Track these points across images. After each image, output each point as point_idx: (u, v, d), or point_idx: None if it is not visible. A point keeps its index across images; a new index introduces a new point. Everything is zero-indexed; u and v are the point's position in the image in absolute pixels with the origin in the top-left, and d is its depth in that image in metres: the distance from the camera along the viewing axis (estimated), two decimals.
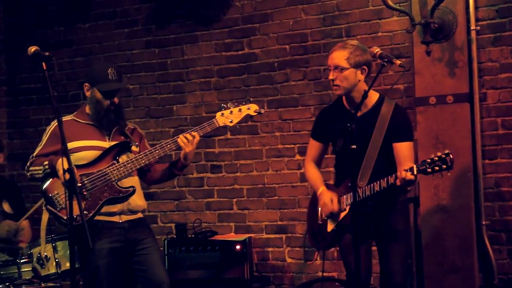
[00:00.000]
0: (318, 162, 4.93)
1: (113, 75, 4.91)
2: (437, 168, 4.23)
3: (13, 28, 7.52)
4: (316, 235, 4.84)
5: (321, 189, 4.76)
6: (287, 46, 6.47)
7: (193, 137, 4.82)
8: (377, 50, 4.46)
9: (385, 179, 4.40)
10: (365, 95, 4.34)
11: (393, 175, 4.36)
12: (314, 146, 4.91)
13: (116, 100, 4.92)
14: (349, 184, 4.50)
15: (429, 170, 4.26)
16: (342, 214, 4.64)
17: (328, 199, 4.66)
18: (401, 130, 4.58)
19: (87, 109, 4.98)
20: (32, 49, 4.19)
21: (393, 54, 5.20)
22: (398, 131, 4.56)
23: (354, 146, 4.18)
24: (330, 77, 4.58)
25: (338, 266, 6.07)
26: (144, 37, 6.99)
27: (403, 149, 4.55)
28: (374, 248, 4.78)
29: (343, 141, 4.27)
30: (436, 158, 4.24)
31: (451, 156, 4.23)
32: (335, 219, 4.67)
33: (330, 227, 4.72)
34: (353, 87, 4.57)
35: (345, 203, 4.64)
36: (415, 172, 4.27)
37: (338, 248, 5.17)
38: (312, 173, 4.90)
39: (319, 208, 4.77)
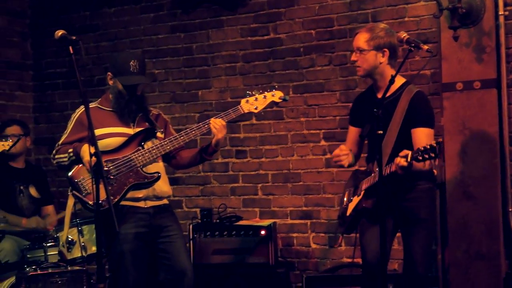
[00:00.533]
0: (355, 148, 4.88)
1: (136, 67, 4.88)
2: (426, 156, 4.17)
3: (39, 13, 7.54)
4: (339, 219, 4.90)
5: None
6: (313, 31, 6.44)
7: (220, 123, 4.82)
8: (404, 35, 4.41)
9: (390, 164, 4.39)
10: (392, 80, 4.30)
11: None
12: (350, 132, 4.91)
13: (138, 92, 4.93)
14: (367, 169, 4.56)
15: (420, 158, 4.20)
16: (357, 199, 4.63)
17: (337, 149, 4.75)
18: (419, 116, 4.54)
19: (111, 96, 5.00)
20: (59, 33, 4.20)
21: (420, 39, 5.14)
22: (416, 117, 4.53)
23: (380, 132, 4.14)
24: (352, 58, 4.65)
25: None
26: (170, 21, 6.98)
27: (419, 135, 4.51)
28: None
29: (370, 127, 4.22)
30: (428, 147, 4.18)
31: (440, 146, 4.16)
32: (353, 203, 4.68)
33: (349, 211, 4.72)
34: (374, 69, 4.59)
35: (360, 188, 4.64)
36: (409, 159, 4.23)
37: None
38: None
39: (346, 192, 4.82)
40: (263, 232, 6.02)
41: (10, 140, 4.86)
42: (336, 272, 5.99)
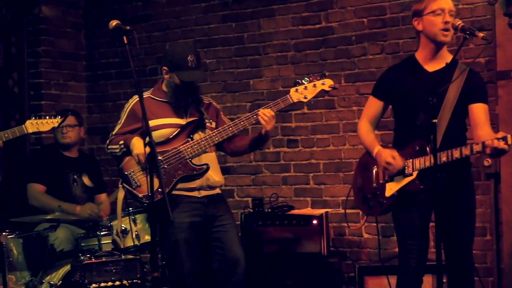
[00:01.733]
0: (374, 124, 4.68)
1: (193, 62, 4.89)
2: None
3: (92, 4, 7.60)
4: (368, 199, 4.57)
5: (377, 148, 4.52)
6: (365, 19, 6.39)
7: (269, 114, 4.80)
8: (459, 22, 4.31)
9: (469, 146, 4.17)
10: (455, 56, 4.24)
11: (480, 143, 4.13)
12: (374, 105, 4.64)
13: (194, 85, 4.94)
14: (417, 147, 4.35)
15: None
16: (407, 179, 4.40)
17: (389, 157, 4.40)
18: (478, 91, 4.41)
19: (164, 87, 5.01)
20: (113, 23, 4.22)
21: (474, 27, 5.04)
22: (475, 92, 4.40)
23: (435, 121, 4.05)
24: (447, 19, 4.34)
25: None
26: (221, 11, 6.98)
27: (479, 111, 4.37)
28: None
29: (424, 116, 4.12)
30: None
31: None
32: (398, 182, 4.44)
33: (390, 191, 4.46)
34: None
35: (411, 167, 4.39)
36: (509, 142, 4.06)
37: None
38: (367, 132, 4.64)
39: (374, 170, 4.56)
40: (315, 222, 6.00)
41: (59, 117, 4.91)
42: (388, 262, 5.95)
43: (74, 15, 7.60)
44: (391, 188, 4.48)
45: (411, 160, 4.39)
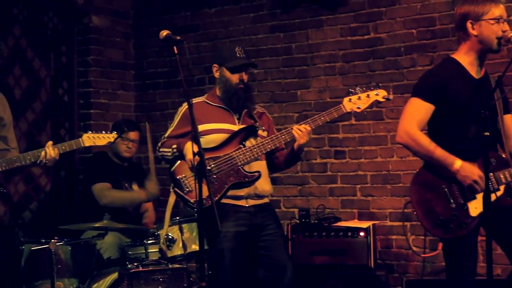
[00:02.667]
0: (421, 130, 4.39)
1: (241, 53, 4.96)
2: None
3: (141, 14, 7.67)
4: (445, 222, 4.24)
5: (460, 162, 4.20)
6: (414, 30, 6.35)
7: (304, 129, 4.80)
8: (511, 34, 4.27)
9: None
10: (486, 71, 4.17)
11: None
12: (424, 109, 4.32)
13: (244, 76, 4.95)
14: (494, 160, 4.20)
15: None
16: (496, 194, 4.20)
17: (477, 174, 4.17)
18: (507, 102, 4.37)
19: (218, 91, 5.04)
20: (164, 33, 4.25)
21: None
22: (505, 103, 4.36)
23: (487, 134, 3.96)
24: (506, 27, 4.27)
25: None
26: (269, 21, 6.99)
27: (510, 122, 4.37)
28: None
29: (476, 128, 4.03)
30: None
31: None
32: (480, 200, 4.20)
33: (475, 210, 4.23)
34: None
35: (495, 182, 4.23)
36: None
37: None
38: (430, 141, 4.28)
39: (445, 189, 4.27)
40: (362, 234, 5.97)
41: (115, 132, 4.94)
42: (436, 276, 5.88)
43: (124, 25, 7.67)
44: (476, 207, 4.24)
45: (491, 174, 4.21)
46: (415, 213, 4.34)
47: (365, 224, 6.07)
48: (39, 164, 4.67)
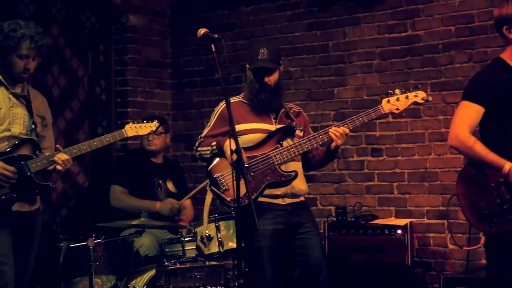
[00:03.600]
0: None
1: (263, 54, 4.91)
2: None
3: (178, 12, 7.69)
4: (489, 217, 4.28)
5: (509, 165, 4.21)
6: (452, 27, 6.30)
7: (344, 131, 4.79)
8: None
9: None
10: None
11: None
12: (475, 112, 4.31)
13: (267, 79, 4.93)
14: None
15: None
16: None
17: None
18: None
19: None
20: (202, 31, 4.25)
21: None
22: None
23: None
24: None
25: None
26: (306, 19, 6.98)
27: None
28: None
29: None
30: None
31: None
32: None
33: None
34: None
35: None
36: None
37: None
38: (481, 144, 4.30)
39: (492, 184, 4.29)
40: (399, 232, 5.94)
41: (156, 121, 4.97)
42: (474, 274, 5.83)
43: (161, 23, 7.71)
44: None
45: None
46: (460, 207, 4.39)
47: (402, 222, 6.05)
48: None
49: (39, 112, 4.74)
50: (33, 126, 4.64)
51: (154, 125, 4.94)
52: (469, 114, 4.33)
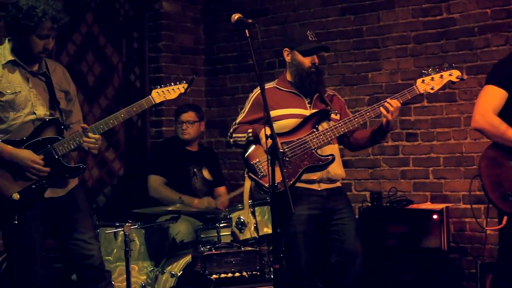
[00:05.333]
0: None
1: (312, 36, 4.97)
2: None
3: None
4: (510, 196, 4.36)
5: None
6: (488, 10, 6.22)
7: (395, 105, 4.76)
8: None
9: None
10: None
11: None
12: (499, 96, 4.36)
13: (316, 59, 4.94)
14: None
15: None
16: None
17: None
18: None
19: (288, 76, 5.04)
20: (236, 16, 4.24)
21: None
22: None
23: None
24: None
25: None
26: (339, 4, 6.93)
27: None
28: None
29: None
30: None
31: None
32: None
33: None
34: None
35: None
36: None
37: None
38: (505, 125, 4.36)
39: None
40: (435, 217, 5.91)
41: (184, 82, 4.67)
42: None
43: (194, 10, 7.71)
44: None
45: None
46: (483, 187, 4.41)
47: (438, 207, 6.01)
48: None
49: (62, 87, 4.48)
50: (55, 104, 4.38)
51: (182, 87, 4.63)
52: (493, 98, 4.37)
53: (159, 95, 4.59)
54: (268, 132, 4.05)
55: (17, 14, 4.18)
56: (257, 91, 5.00)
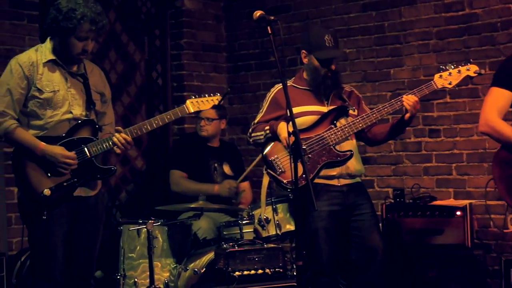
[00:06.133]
0: (501, 118, 4.49)
1: (330, 42, 4.93)
2: None
3: None
4: None
5: None
6: (511, 4, 6.17)
7: (412, 99, 4.76)
8: None
9: None
10: None
11: None
12: (504, 97, 4.44)
13: (333, 67, 4.94)
14: None
15: None
16: None
17: None
18: None
19: (305, 75, 5.05)
20: (258, 13, 4.23)
21: None
22: None
23: None
24: None
25: None
26: (361, 0, 6.92)
27: None
28: None
29: None
30: None
31: None
32: None
33: None
34: None
35: None
36: None
37: None
38: (510, 128, 4.43)
39: None
40: (458, 213, 5.88)
41: (218, 94, 4.80)
42: None
43: (215, 7, 7.72)
44: None
45: None
46: (497, 189, 4.46)
47: (461, 203, 5.98)
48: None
49: (98, 88, 4.61)
50: (91, 105, 4.51)
51: (216, 98, 4.76)
52: (498, 99, 4.45)
53: (193, 105, 4.72)
54: (291, 129, 4.05)
55: (57, 15, 4.30)
56: (274, 90, 5.03)
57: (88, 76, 4.54)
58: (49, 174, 4.36)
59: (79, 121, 4.46)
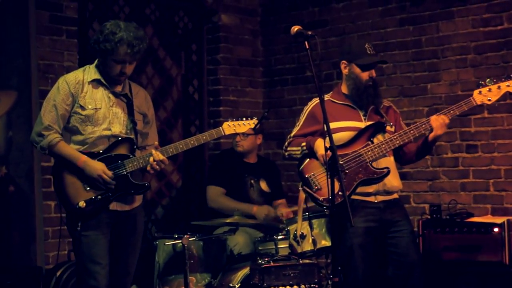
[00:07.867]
0: None
1: (371, 49, 4.95)
2: None
3: (269, 11, 7.72)
4: None
5: None
6: None
7: (442, 120, 4.74)
8: None
9: None
10: None
11: None
12: None
13: (374, 73, 4.92)
14: None
15: None
16: None
17: None
18: None
19: (343, 89, 5.03)
20: (295, 28, 4.26)
21: None
22: None
23: None
24: None
25: None
26: (398, 14, 6.89)
27: None
28: None
29: None
30: None
31: None
32: None
33: None
34: None
35: None
36: None
37: None
38: None
39: None
40: (496, 230, 5.80)
41: (256, 118, 4.82)
42: None
43: (252, 22, 7.75)
44: None
45: None
46: None
47: (499, 220, 5.91)
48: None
49: (141, 109, 4.72)
50: (132, 124, 4.63)
51: (253, 122, 4.79)
52: None
53: (229, 127, 4.76)
54: (328, 144, 4.04)
55: (99, 37, 4.47)
56: (311, 103, 5.02)
57: (133, 97, 4.68)
58: (87, 188, 4.47)
59: (119, 138, 4.57)
